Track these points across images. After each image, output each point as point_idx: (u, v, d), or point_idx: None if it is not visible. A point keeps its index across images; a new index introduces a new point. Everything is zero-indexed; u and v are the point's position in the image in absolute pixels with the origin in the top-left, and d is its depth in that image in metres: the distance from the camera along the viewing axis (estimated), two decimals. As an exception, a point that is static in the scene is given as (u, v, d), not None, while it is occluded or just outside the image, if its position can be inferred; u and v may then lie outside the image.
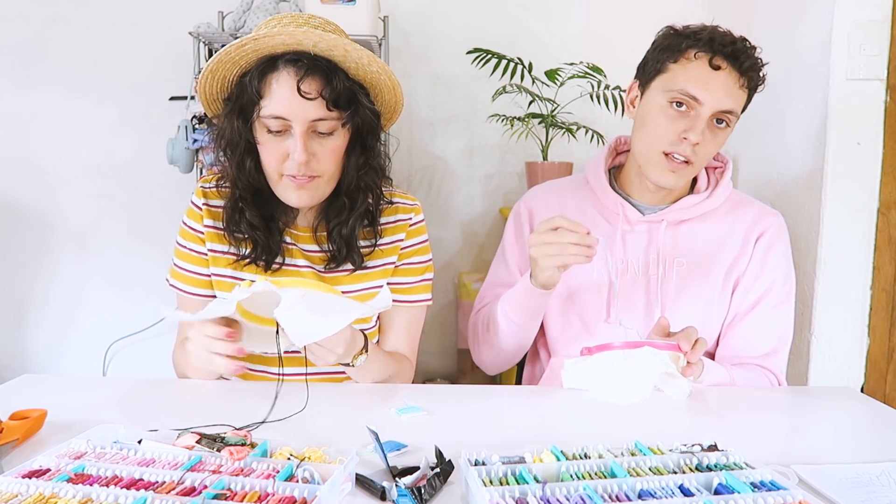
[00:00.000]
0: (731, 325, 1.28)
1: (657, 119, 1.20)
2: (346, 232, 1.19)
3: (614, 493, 0.67)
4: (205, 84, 1.13)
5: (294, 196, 1.13)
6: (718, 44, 1.15)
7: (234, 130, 1.11)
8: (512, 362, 1.38)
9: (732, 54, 1.15)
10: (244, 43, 1.06)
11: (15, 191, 2.55)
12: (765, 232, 1.27)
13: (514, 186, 2.60)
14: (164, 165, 2.32)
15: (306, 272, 1.21)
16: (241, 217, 1.17)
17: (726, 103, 1.16)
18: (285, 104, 1.07)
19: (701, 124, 1.15)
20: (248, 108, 1.10)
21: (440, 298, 2.65)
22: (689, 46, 1.17)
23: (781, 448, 0.91)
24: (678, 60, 1.18)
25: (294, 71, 1.07)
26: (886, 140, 1.64)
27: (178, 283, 1.23)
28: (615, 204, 1.29)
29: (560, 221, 1.09)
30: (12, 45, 2.47)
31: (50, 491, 0.65)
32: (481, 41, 2.35)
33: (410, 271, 1.27)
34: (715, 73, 1.15)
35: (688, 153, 1.18)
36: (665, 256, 1.26)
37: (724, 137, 1.21)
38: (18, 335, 2.62)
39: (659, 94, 1.20)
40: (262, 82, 1.08)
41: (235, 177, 1.15)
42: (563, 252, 1.08)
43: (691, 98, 1.16)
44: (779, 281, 1.27)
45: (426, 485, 0.71)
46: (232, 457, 0.72)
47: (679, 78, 1.17)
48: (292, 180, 1.11)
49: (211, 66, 1.10)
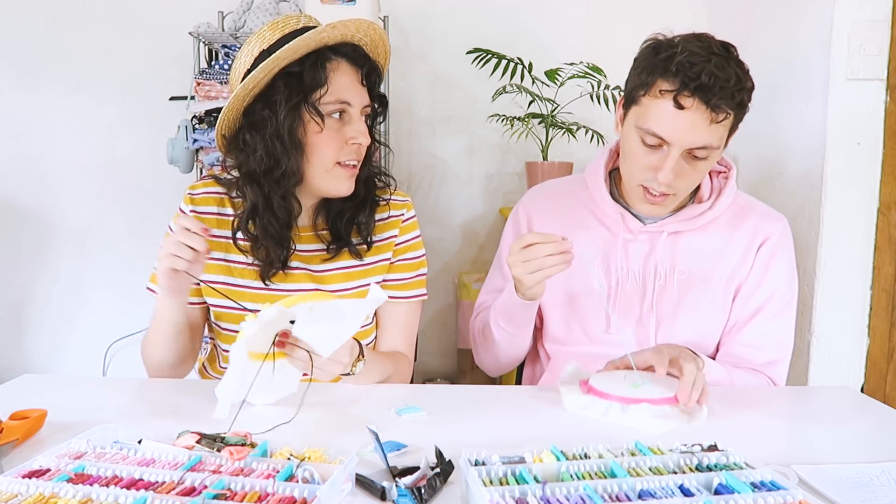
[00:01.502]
0: (731, 332, 1.26)
1: (632, 151, 1.17)
2: (350, 214, 1.21)
3: (614, 493, 0.67)
4: (258, 75, 1.07)
5: (346, 185, 1.16)
6: (685, 76, 1.07)
7: (296, 118, 1.10)
8: (512, 366, 1.38)
9: (699, 88, 1.06)
10: (322, 30, 1.09)
11: (15, 191, 2.55)
12: (767, 239, 1.25)
13: (514, 186, 2.60)
14: (164, 165, 2.32)
15: (297, 274, 1.21)
16: (258, 221, 1.14)
17: (697, 141, 1.10)
18: (348, 89, 1.13)
19: (670, 163, 1.12)
20: (308, 95, 1.10)
21: (440, 298, 2.65)
22: (656, 79, 1.10)
23: (781, 448, 0.91)
24: (647, 93, 1.12)
25: (350, 62, 1.14)
26: (886, 140, 1.64)
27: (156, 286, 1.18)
28: (615, 213, 1.27)
29: (532, 237, 1.08)
30: (12, 45, 2.47)
31: (50, 491, 0.65)
32: (481, 41, 2.35)
33: (405, 267, 1.28)
34: (680, 112, 1.08)
35: (663, 189, 1.16)
36: (665, 267, 1.25)
37: (706, 166, 1.17)
38: (18, 335, 2.62)
39: (632, 128, 1.16)
40: (323, 70, 1.11)
41: (295, 168, 1.12)
42: (543, 266, 1.07)
43: (659, 138, 1.12)
44: (781, 289, 1.25)
45: (426, 485, 0.71)
46: (232, 457, 0.72)
47: (647, 116, 1.12)
48: (347, 169, 1.15)
49: (283, 53, 1.06)
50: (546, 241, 1.07)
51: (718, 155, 1.18)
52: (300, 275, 1.21)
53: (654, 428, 0.93)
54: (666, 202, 1.20)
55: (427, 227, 2.62)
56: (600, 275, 1.27)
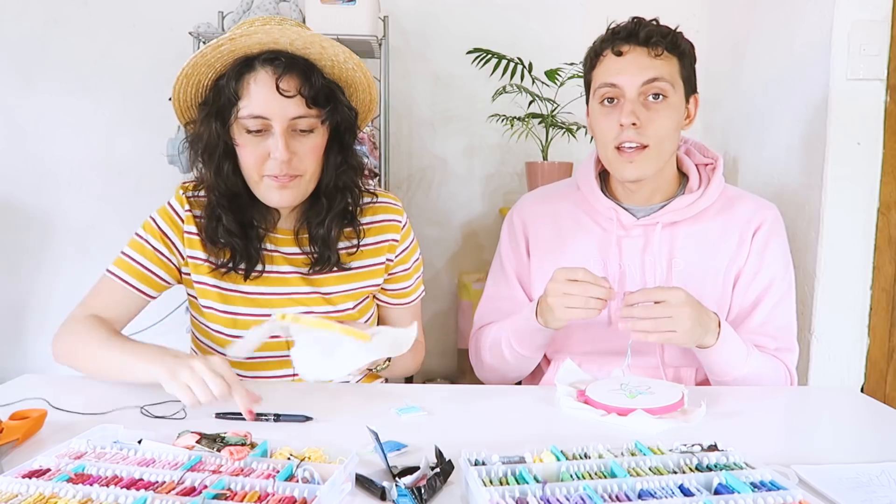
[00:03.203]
0: (736, 322, 1.27)
1: (598, 121, 1.24)
2: (323, 232, 1.19)
3: (614, 493, 0.67)
4: (179, 89, 1.13)
5: (276, 196, 1.13)
6: (615, 31, 1.22)
7: (213, 134, 1.10)
8: (516, 381, 1.38)
9: (630, 34, 1.19)
10: (220, 44, 1.06)
11: (15, 191, 2.55)
12: (761, 225, 1.27)
13: (514, 186, 2.60)
14: (164, 165, 2.32)
15: (291, 278, 1.21)
16: (218, 224, 1.15)
17: (644, 75, 1.18)
18: (264, 103, 1.08)
19: (629, 105, 1.18)
20: (226, 110, 1.10)
21: (440, 299, 2.65)
22: (598, 48, 1.24)
23: (781, 448, 0.91)
24: (596, 66, 1.25)
25: (272, 70, 1.08)
26: (886, 140, 1.64)
27: (120, 271, 1.19)
28: (608, 210, 1.28)
29: (582, 275, 1.08)
30: (12, 46, 2.47)
31: (50, 491, 0.65)
32: (481, 41, 2.35)
33: (408, 275, 1.31)
34: (621, 58, 1.20)
35: (632, 137, 1.19)
36: (662, 258, 1.26)
37: (668, 110, 1.20)
38: (18, 335, 2.62)
39: (593, 102, 1.26)
40: (239, 83, 1.09)
41: (214, 182, 1.14)
42: (585, 305, 1.08)
43: (611, 87, 1.20)
44: (779, 275, 1.27)
45: (426, 485, 0.71)
46: (232, 457, 0.72)
47: (598, 78, 1.24)
48: (274, 180, 1.11)
49: (186, 70, 1.09)
50: (595, 283, 1.08)
51: (681, 107, 1.23)
52: (294, 279, 1.21)
53: (653, 427, 0.93)
54: (644, 158, 1.20)
55: (427, 227, 2.63)
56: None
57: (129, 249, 1.21)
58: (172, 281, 1.23)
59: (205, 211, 1.18)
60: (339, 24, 2.07)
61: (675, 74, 1.21)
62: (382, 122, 2.31)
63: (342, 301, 1.22)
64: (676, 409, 0.98)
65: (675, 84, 1.21)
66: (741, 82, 2.15)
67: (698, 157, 1.32)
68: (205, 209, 1.18)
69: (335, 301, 1.22)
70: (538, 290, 1.32)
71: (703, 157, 1.33)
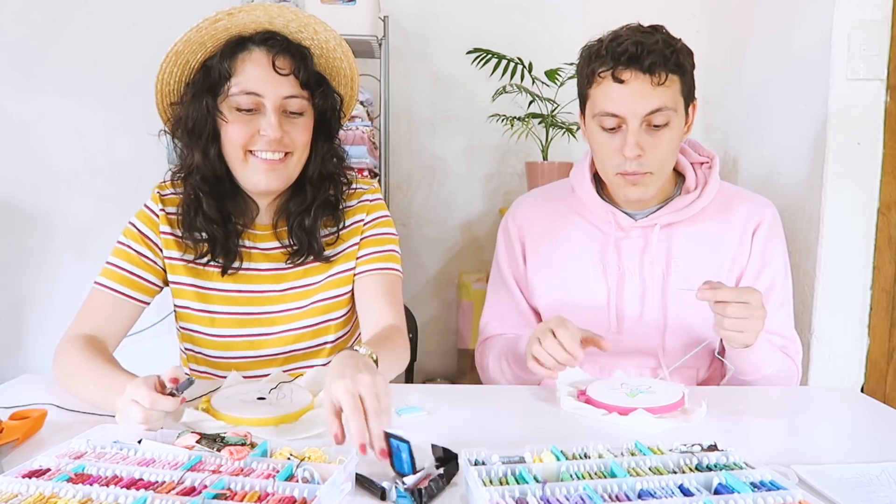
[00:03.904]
0: None
1: (598, 143, 1.21)
2: (308, 223, 1.18)
3: (614, 493, 0.67)
4: (166, 68, 1.12)
5: (263, 179, 1.11)
6: (614, 53, 1.14)
7: (201, 111, 1.09)
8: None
9: (631, 59, 1.13)
10: (218, 18, 1.06)
11: (15, 191, 2.55)
12: (760, 224, 1.27)
13: (514, 186, 2.60)
14: (164, 165, 2.31)
15: (267, 275, 1.20)
16: (197, 211, 1.14)
17: (648, 106, 1.14)
18: (258, 80, 1.08)
19: (632, 137, 1.15)
20: (216, 88, 1.09)
21: (440, 298, 2.65)
22: (596, 67, 1.17)
23: (781, 448, 0.91)
24: (592, 84, 1.19)
25: (266, 49, 1.09)
26: (886, 140, 1.64)
27: (108, 281, 1.15)
28: (605, 213, 1.28)
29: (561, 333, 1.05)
30: (12, 46, 2.47)
31: (50, 491, 0.65)
32: (481, 41, 2.35)
33: (374, 242, 1.24)
34: (622, 86, 1.14)
35: (635, 167, 1.17)
36: (662, 259, 1.26)
37: (670, 136, 1.18)
38: (18, 335, 2.62)
39: (591, 121, 1.22)
40: (232, 61, 1.09)
41: (200, 163, 1.12)
42: (545, 361, 1.06)
43: (612, 116, 1.16)
44: (780, 273, 1.27)
45: (427, 487, 0.71)
46: (232, 457, 0.72)
47: (597, 102, 1.18)
48: (262, 162, 1.10)
49: (177, 46, 1.08)
50: (567, 346, 1.04)
51: (681, 125, 1.20)
52: (268, 276, 1.20)
53: (653, 427, 0.93)
54: (647, 181, 1.20)
55: (427, 227, 2.63)
56: (598, 276, 1.27)
57: (113, 258, 1.18)
58: (161, 283, 1.21)
59: (183, 200, 1.16)
60: (339, 24, 2.03)
61: (677, 96, 1.17)
62: (382, 122, 2.32)
63: (321, 291, 1.21)
64: (677, 408, 0.99)
65: (678, 107, 1.18)
66: (741, 82, 2.15)
67: (693, 155, 1.32)
68: (183, 199, 1.16)
69: (311, 294, 1.21)
70: (537, 295, 1.32)
71: (699, 155, 1.32)
